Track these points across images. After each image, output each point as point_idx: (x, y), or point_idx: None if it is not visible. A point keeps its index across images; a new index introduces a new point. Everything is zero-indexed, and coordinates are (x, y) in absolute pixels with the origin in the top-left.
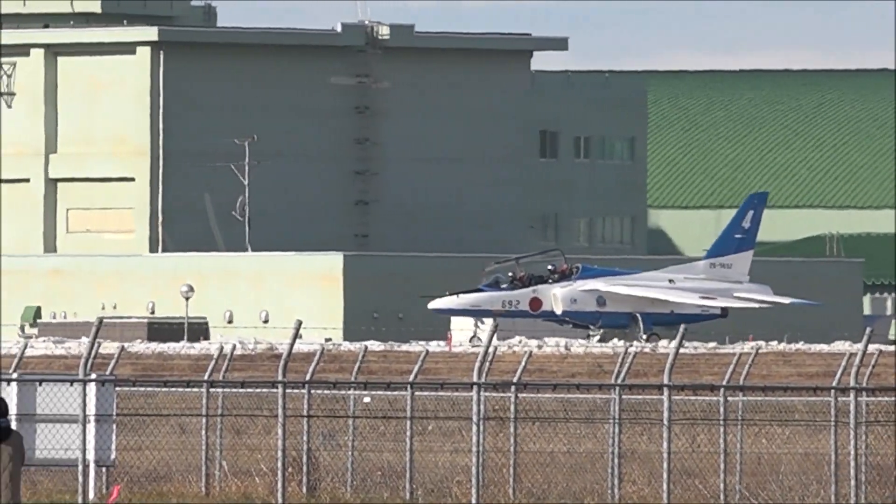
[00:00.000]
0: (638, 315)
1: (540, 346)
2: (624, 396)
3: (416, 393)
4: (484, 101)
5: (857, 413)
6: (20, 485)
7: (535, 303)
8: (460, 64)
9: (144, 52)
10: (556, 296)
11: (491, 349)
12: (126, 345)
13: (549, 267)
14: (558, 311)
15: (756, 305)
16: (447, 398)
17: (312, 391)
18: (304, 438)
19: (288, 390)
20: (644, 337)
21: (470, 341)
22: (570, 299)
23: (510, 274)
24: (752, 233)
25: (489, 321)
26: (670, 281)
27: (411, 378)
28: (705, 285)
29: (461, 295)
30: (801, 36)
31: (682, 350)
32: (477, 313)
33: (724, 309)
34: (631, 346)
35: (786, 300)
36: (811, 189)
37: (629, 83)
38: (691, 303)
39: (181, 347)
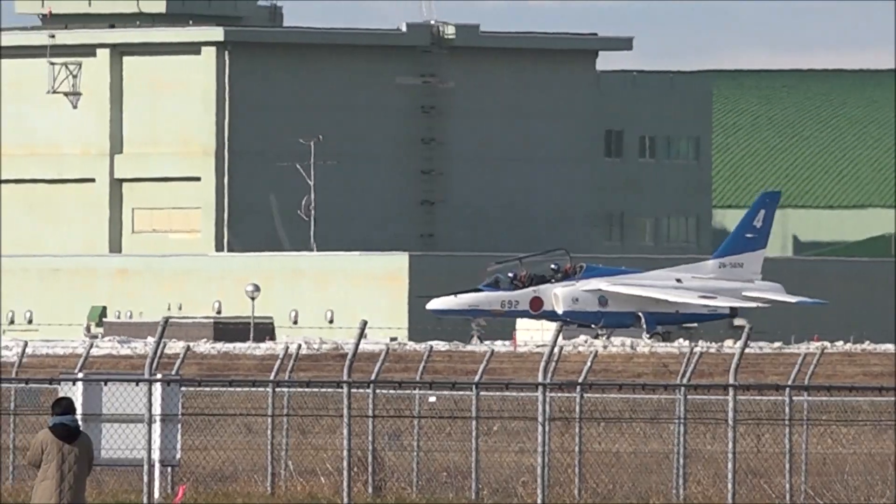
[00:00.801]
0: (641, 314)
1: (605, 347)
2: (689, 396)
3: (482, 393)
4: (549, 100)
5: None
6: (85, 486)
7: (537, 302)
8: (526, 64)
9: (210, 53)
10: (558, 295)
11: (556, 349)
12: (192, 345)
13: (553, 266)
14: (559, 311)
15: (754, 305)
16: (513, 398)
17: (378, 391)
18: (370, 438)
19: (353, 390)
20: (647, 336)
21: (469, 342)
22: (572, 299)
23: (511, 274)
24: (764, 232)
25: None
26: (678, 280)
27: (477, 378)
28: (713, 284)
29: (459, 295)
30: (869, 35)
31: (747, 350)
32: (475, 313)
33: (733, 308)
34: (696, 345)
35: (793, 299)
36: (875, 189)
37: (694, 83)
38: (690, 302)
39: (247, 347)
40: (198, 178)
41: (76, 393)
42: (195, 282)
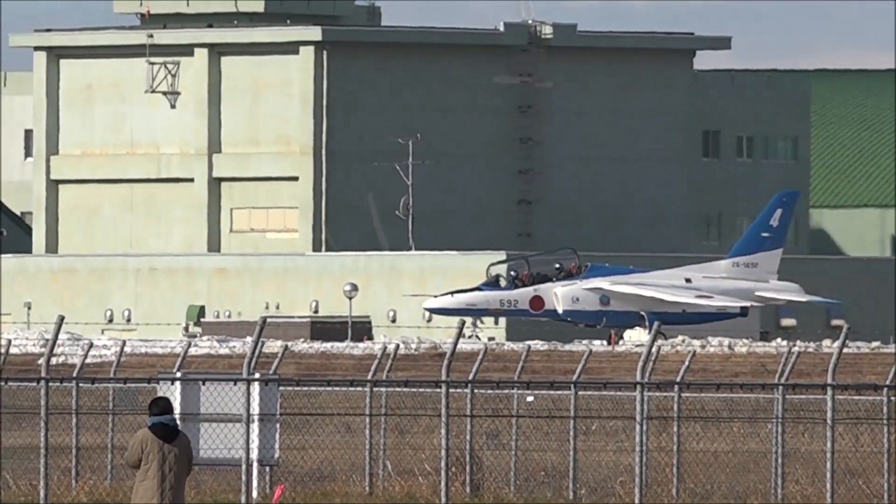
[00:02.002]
0: (644, 314)
1: (703, 346)
2: (787, 396)
3: (580, 392)
4: (646, 100)
5: None
6: (184, 487)
7: (537, 302)
8: (623, 63)
9: (308, 52)
10: (558, 294)
11: (654, 349)
12: (289, 344)
13: (556, 265)
14: (560, 311)
15: (759, 304)
16: (610, 398)
17: (476, 391)
18: (468, 438)
19: (451, 390)
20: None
21: (469, 337)
22: (572, 298)
23: (512, 273)
24: (781, 231)
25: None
26: (687, 280)
27: (575, 377)
28: (725, 284)
29: (456, 294)
30: None
31: (844, 350)
32: (473, 313)
33: (743, 308)
34: (794, 345)
35: (803, 298)
36: None
37: (792, 82)
38: (687, 301)
39: (345, 347)
40: (296, 178)
41: (174, 392)
42: (293, 281)
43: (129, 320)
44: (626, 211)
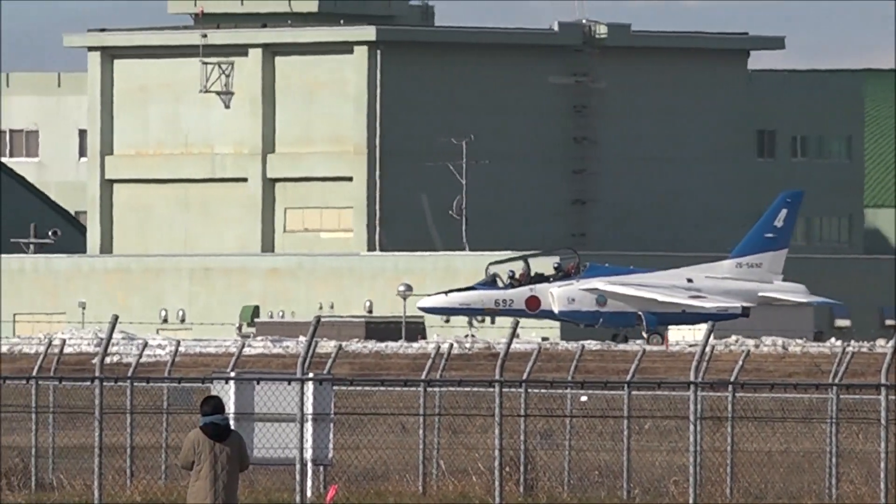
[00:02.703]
0: (642, 314)
1: (757, 346)
2: (841, 396)
3: (634, 392)
4: (701, 100)
5: None
6: (237, 486)
7: (533, 301)
8: (677, 63)
9: (362, 52)
10: (553, 294)
11: (708, 348)
12: (343, 344)
13: (555, 265)
14: (556, 311)
15: (755, 305)
16: (664, 397)
17: (529, 390)
18: (522, 438)
19: (505, 389)
20: (646, 336)
21: (465, 338)
22: (568, 298)
23: (510, 272)
24: (786, 232)
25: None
26: (689, 280)
27: (628, 377)
28: (727, 284)
29: (450, 294)
30: None
31: None
32: (468, 312)
33: (745, 308)
34: (848, 345)
35: (805, 299)
36: None
37: (846, 81)
38: (679, 302)
39: (399, 346)
40: (349, 178)
41: (228, 392)
42: (347, 281)
43: (183, 320)
44: (679, 211)
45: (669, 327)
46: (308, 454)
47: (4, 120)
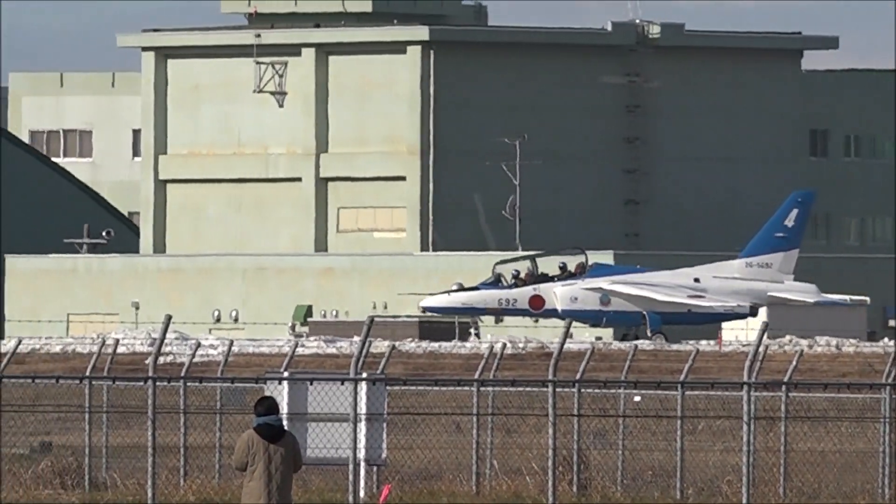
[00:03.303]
0: (646, 314)
1: (811, 346)
2: (894, 396)
3: (687, 392)
4: (754, 100)
5: None
6: (291, 486)
7: (537, 301)
8: (731, 63)
9: (415, 52)
10: (556, 294)
11: (761, 348)
12: (397, 344)
13: (560, 265)
14: (559, 310)
15: (762, 304)
16: (717, 397)
17: (583, 390)
18: (575, 437)
19: (558, 389)
20: (651, 336)
21: (467, 339)
22: (570, 297)
23: (514, 272)
24: (796, 232)
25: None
26: (696, 280)
27: (682, 377)
28: (736, 284)
29: (452, 294)
30: None
31: None
32: (470, 312)
33: (753, 307)
34: None
35: (811, 299)
36: None
37: None
38: (679, 301)
39: (452, 346)
40: (403, 178)
41: (282, 392)
42: (400, 281)
43: (236, 320)
44: (733, 211)
45: (723, 327)
46: (361, 454)
47: (59, 120)
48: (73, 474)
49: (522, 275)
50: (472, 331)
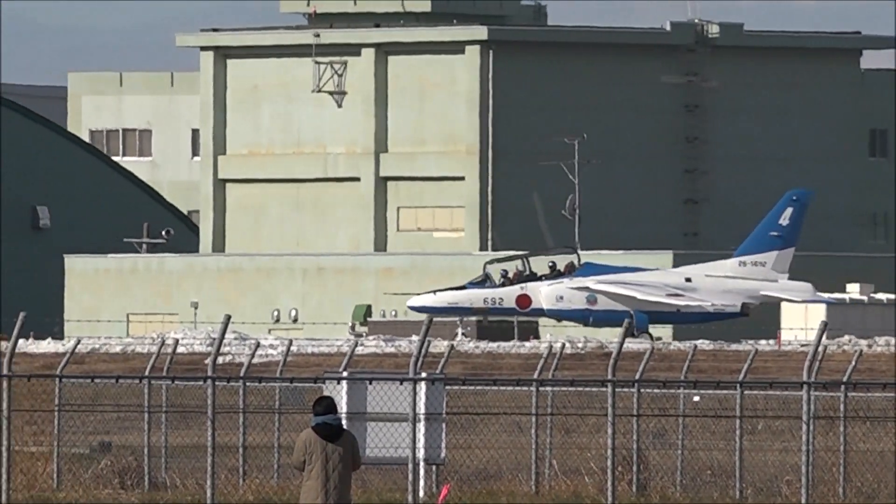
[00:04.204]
0: (632, 313)
1: (870, 346)
2: None
3: (746, 392)
4: (813, 99)
5: None
6: (350, 485)
7: (524, 300)
8: (789, 63)
9: (474, 52)
10: (542, 292)
11: (820, 348)
12: (456, 343)
13: (550, 264)
14: (545, 309)
15: (755, 302)
16: (776, 397)
17: (642, 390)
18: (634, 437)
19: (617, 389)
20: (637, 335)
21: (454, 339)
22: (556, 297)
23: (503, 271)
24: (792, 231)
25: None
26: (687, 280)
27: (741, 377)
28: (728, 283)
29: (438, 293)
30: None
31: None
32: (456, 311)
33: (745, 306)
34: None
35: (798, 298)
36: None
37: None
38: (658, 301)
39: (511, 346)
40: (462, 178)
41: (341, 392)
42: (459, 280)
43: (295, 320)
44: None
45: (782, 327)
46: (420, 454)
47: (118, 119)
48: (133, 474)
49: (511, 274)
50: (460, 331)
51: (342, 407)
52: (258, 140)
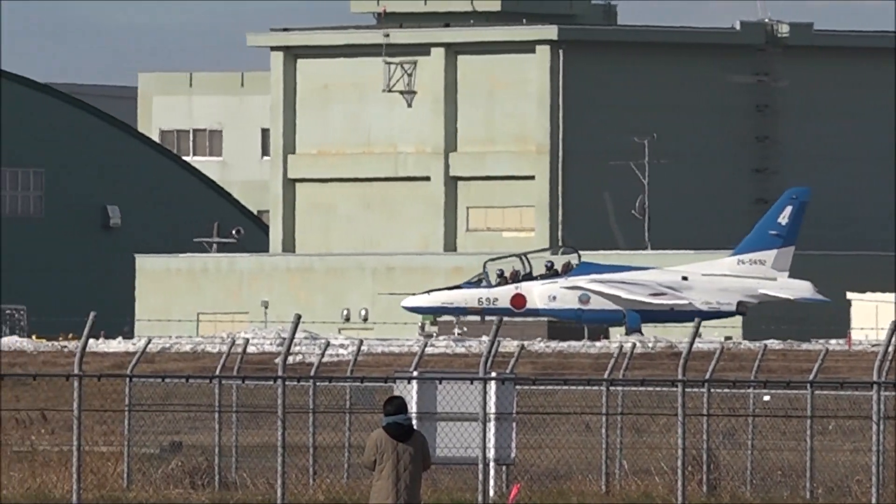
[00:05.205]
0: (626, 312)
1: None
2: None
3: (816, 392)
4: (883, 99)
5: None
6: (420, 485)
7: (519, 300)
8: (859, 62)
9: (544, 51)
10: (535, 292)
11: (891, 348)
12: (526, 343)
13: (546, 263)
14: (538, 308)
15: (752, 301)
16: (847, 397)
17: (712, 390)
18: (704, 437)
19: (687, 389)
20: (627, 334)
21: (453, 339)
22: (550, 296)
23: (499, 270)
24: (791, 229)
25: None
26: (684, 278)
27: (811, 377)
28: (725, 282)
29: (433, 293)
30: None
31: None
32: (451, 311)
33: (741, 304)
34: None
35: (792, 296)
36: None
37: None
38: (642, 300)
39: (581, 346)
40: (532, 177)
41: (411, 392)
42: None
43: (365, 319)
44: (860, 210)
45: (853, 327)
46: (490, 453)
47: (188, 119)
48: (203, 474)
49: (507, 274)
50: (457, 331)
51: (412, 407)
52: (328, 140)
